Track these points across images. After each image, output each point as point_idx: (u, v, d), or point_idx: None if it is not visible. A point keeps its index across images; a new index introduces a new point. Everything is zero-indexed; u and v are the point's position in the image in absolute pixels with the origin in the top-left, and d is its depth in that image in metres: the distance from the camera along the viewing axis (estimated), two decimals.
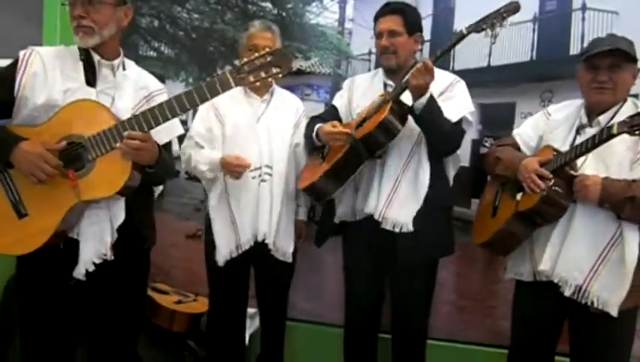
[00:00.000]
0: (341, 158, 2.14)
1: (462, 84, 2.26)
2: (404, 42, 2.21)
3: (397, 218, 2.16)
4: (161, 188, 2.12)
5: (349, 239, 2.37)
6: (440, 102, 2.12)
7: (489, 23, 1.92)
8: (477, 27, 1.95)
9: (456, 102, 2.18)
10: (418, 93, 2.02)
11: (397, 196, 2.17)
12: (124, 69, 1.88)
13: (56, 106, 1.74)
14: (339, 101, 2.42)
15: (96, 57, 1.82)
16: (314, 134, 2.26)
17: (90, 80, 1.81)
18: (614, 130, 1.75)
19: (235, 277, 2.45)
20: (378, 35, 2.24)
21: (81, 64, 1.81)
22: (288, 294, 2.56)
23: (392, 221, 2.17)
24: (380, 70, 2.34)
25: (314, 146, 2.32)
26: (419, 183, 2.17)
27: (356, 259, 2.33)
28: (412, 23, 2.22)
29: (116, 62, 1.86)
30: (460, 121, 2.19)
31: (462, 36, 1.97)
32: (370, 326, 2.40)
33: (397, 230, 2.17)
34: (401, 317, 2.30)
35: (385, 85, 2.29)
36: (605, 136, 1.77)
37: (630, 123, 1.71)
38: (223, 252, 2.37)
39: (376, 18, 2.26)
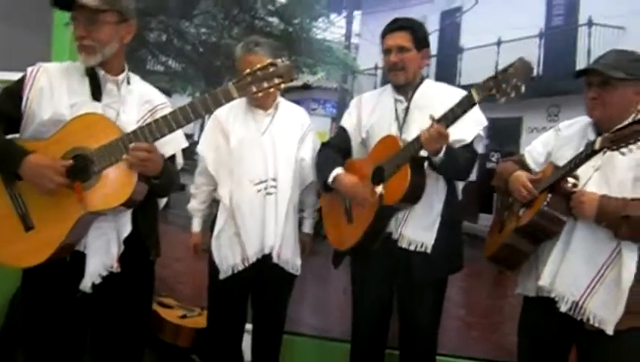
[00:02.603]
0: (372, 223, 2.15)
1: None
2: (413, 58, 2.21)
3: (413, 236, 2.16)
4: (165, 200, 2.12)
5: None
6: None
7: (501, 89, 1.81)
8: (487, 91, 1.83)
9: (468, 120, 2.14)
10: (435, 154, 2.01)
11: (412, 214, 2.16)
12: (128, 83, 1.90)
13: (63, 121, 1.75)
14: (347, 121, 2.41)
15: (100, 73, 1.84)
16: (330, 180, 2.24)
17: (96, 94, 1.83)
18: (597, 146, 1.74)
19: (237, 292, 2.44)
20: (386, 52, 2.24)
21: (87, 79, 1.83)
22: (287, 309, 2.55)
23: (408, 239, 2.16)
24: (389, 86, 2.34)
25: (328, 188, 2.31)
26: (434, 201, 2.16)
27: (365, 274, 2.31)
28: (420, 38, 2.22)
29: (120, 77, 1.87)
30: (473, 140, 2.17)
31: (473, 104, 1.88)
32: (377, 341, 2.37)
33: (412, 248, 2.16)
34: (411, 332, 2.28)
35: (395, 100, 2.28)
36: (590, 151, 1.77)
37: (612, 138, 1.70)
38: (225, 266, 2.37)
39: (384, 34, 2.26)
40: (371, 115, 2.32)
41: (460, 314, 2.83)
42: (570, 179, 1.85)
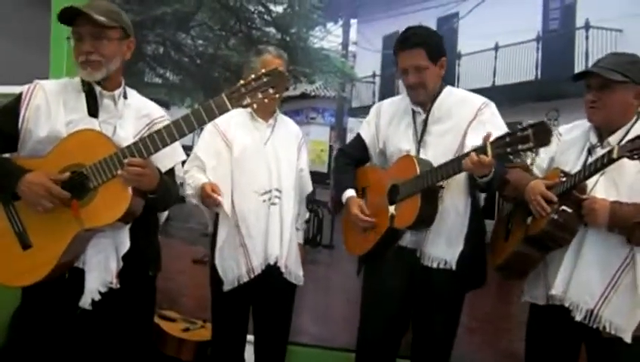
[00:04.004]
0: (381, 240, 2.19)
1: (491, 107, 2.17)
2: (432, 73, 2.14)
3: (436, 254, 2.13)
4: (166, 214, 2.11)
5: (376, 264, 2.32)
6: (472, 130, 2.08)
7: (517, 149, 1.78)
8: (503, 153, 1.81)
9: (488, 128, 2.01)
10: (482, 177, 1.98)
11: (436, 231, 2.12)
12: (125, 97, 1.90)
13: (59, 138, 1.76)
14: (365, 131, 2.38)
15: (97, 89, 1.84)
16: (343, 199, 2.28)
17: (93, 111, 1.83)
18: (614, 155, 1.72)
19: (240, 303, 2.42)
20: (403, 71, 2.16)
21: (83, 95, 1.83)
22: (290, 319, 2.53)
23: (431, 257, 2.14)
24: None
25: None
26: (459, 216, 2.13)
27: (379, 285, 2.27)
28: (436, 51, 2.13)
29: (117, 92, 1.88)
30: None
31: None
32: (385, 353, 2.33)
33: (435, 265, 2.14)
34: (426, 347, 2.24)
35: (413, 112, 2.25)
36: (606, 160, 1.75)
37: (630, 147, 1.69)
38: (230, 277, 2.35)
39: (397, 50, 2.16)
40: (389, 126, 2.29)
41: (464, 321, 2.80)
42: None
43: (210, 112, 1.67)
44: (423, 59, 2.10)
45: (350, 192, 2.29)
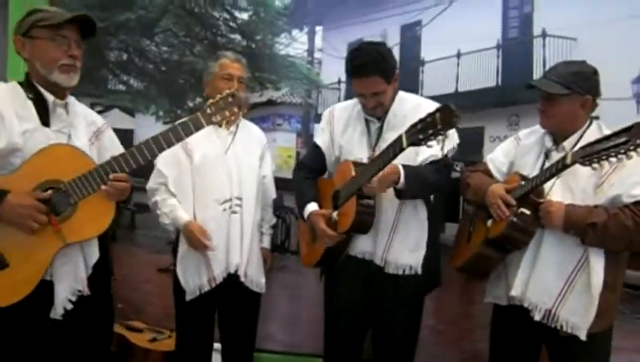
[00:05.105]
0: (327, 250, 2.18)
1: None
2: (389, 93, 2.11)
3: (400, 261, 2.13)
4: None
5: (336, 269, 2.32)
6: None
7: (426, 136, 1.77)
8: (416, 140, 1.80)
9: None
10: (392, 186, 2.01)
11: (395, 238, 2.13)
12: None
13: (17, 150, 1.69)
14: (320, 138, 2.36)
15: (50, 98, 1.78)
16: (305, 215, 2.22)
17: (44, 119, 1.77)
18: (568, 161, 1.78)
19: (203, 312, 2.39)
20: (359, 94, 2.13)
21: (30, 103, 1.76)
22: (257, 327, 2.52)
23: (395, 265, 2.14)
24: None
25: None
26: (417, 220, 2.13)
27: (339, 289, 2.28)
28: (389, 72, 2.08)
29: (67, 100, 1.84)
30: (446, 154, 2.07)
31: (402, 149, 1.85)
32: (351, 355, 2.35)
33: (400, 272, 2.15)
34: (388, 350, 2.26)
35: (367, 121, 2.25)
36: (561, 165, 1.81)
37: (582, 154, 1.74)
38: (191, 286, 2.33)
39: (351, 77, 2.10)
40: (344, 134, 2.28)
41: (429, 323, 2.85)
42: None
43: (188, 129, 1.74)
44: (380, 84, 2.07)
45: (312, 206, 2.24)
